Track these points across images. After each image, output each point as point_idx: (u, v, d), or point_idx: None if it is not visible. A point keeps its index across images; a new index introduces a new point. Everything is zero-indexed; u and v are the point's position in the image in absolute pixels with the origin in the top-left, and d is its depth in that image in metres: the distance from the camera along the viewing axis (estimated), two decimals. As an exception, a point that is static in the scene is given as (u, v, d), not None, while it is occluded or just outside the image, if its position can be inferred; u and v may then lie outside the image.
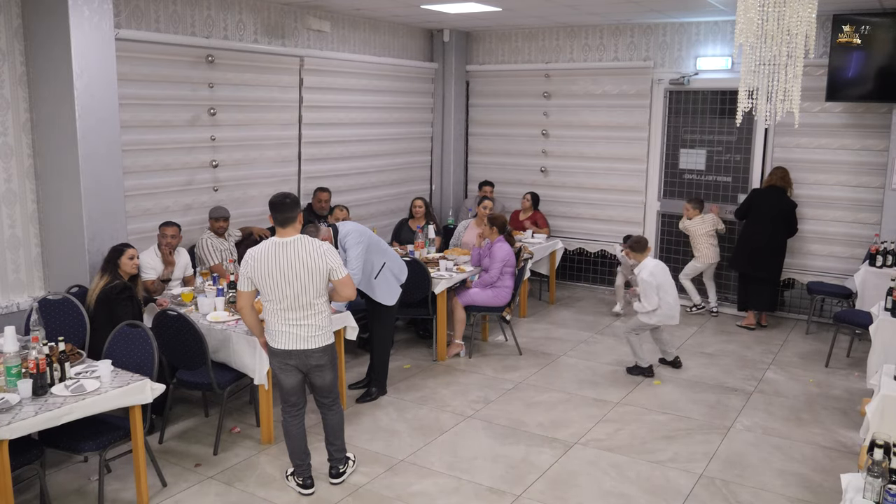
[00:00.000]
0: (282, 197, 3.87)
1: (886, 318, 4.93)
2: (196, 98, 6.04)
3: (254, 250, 3.88)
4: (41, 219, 5.12)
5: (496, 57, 8.87)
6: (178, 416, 5.00)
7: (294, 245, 3.83)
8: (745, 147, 7.48)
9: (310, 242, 3.87)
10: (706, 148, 7.74)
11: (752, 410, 5.23)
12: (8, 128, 4.91)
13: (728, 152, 7.60)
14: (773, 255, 6.90)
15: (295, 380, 3.99)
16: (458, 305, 6.18)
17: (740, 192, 7.48)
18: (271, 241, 3.86)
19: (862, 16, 6.40)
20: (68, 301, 4.60)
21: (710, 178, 7.71)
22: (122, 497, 4.01)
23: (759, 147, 7.33)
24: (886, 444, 2.79)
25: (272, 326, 3.92)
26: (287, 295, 3.81)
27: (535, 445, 4.65)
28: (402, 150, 8.51)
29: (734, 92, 6.92)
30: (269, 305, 3.88)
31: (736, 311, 7.46)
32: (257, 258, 3.83)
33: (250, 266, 3.84)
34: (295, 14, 6.92)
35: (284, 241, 3.84)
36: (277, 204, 3.85)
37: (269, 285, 3.81)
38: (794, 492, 4.12)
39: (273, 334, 3.93)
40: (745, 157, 7.51)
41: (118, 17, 5.31)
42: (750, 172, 7.47)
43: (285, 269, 3.79)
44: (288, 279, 3.79)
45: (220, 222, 5.91)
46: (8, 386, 3.53)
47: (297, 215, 3.88)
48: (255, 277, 3.84)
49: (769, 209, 6.81)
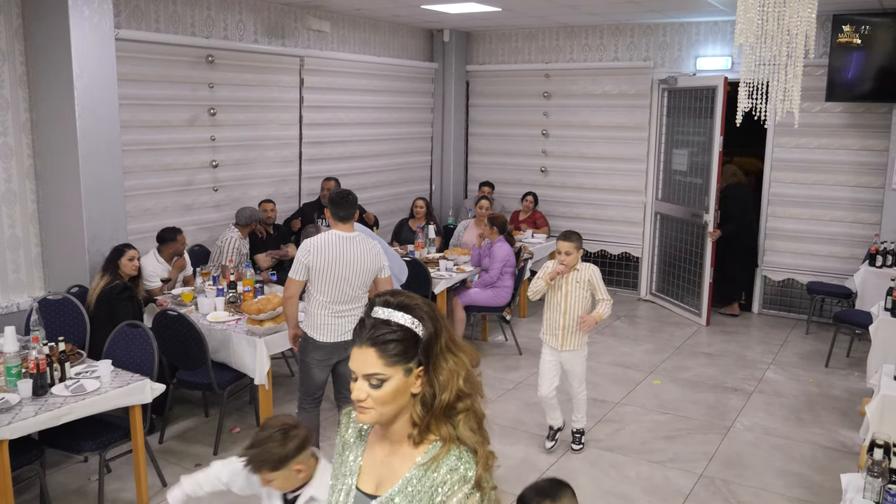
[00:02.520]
0: (344, 194, 4.00)
1: (886, 318, 4.93)
2: (196, 98, 6.04)
3: (314, 240, 3.94)
4: (41, 219, 5.12)
5: (496, 57, 8.87)
6: (178, 416, 5.00)
7: (354, 240, 3.95)
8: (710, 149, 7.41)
9: (365, 240, 4.00)
10: (687, 148, 7.67)
11: (752, 410, 5.23)
12: (8, 128, 4.91)
13: (703, 153, 7.53)
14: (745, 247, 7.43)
15: (326, 375, 4.10)
16: (458, 305, 6.18)
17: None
18: (332, 233, 3.96)
19: (862, 16, 6.40)
20: (68, 301, 4.60)
21: (689, 179, 7.64)
22: (122, 497, 4.01)
23: (717, 146, 7.26)
24: (886, 444, 2.79)
25: (319, 319, 3.96)
26: (340, 287, 3.91)
27: (535, 445, 4.65)
28: (402, 150, 8.51)
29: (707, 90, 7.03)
30: (320, 297, 3.93)
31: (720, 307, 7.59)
32: (318, 248, 3.89)
33: (312, 255, 3.88)
34: (295, 14, 6.92)
35: (346, 235, 3.95)
36: (340, 201, 3.97)
37: (326, 276, 3.89)
38: (794, 492, 4.12)
39: (319, 327, 3.97)
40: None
41: (118, 18, 5.31)
42: (708, 175, 7.36)
43: (345, 261, 3.89)
44: (346, 271, 3.90)
45: (257, 224, 6.07)
46: (8, 386, 3.53)
47: (355, 212, 4.03)
48: (313, 266, 3.89)
49: (734, 206, 7.23)
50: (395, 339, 1.45)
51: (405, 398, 1.48)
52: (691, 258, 7.41)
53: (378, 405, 1.46)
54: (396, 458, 1.53)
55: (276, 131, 6.84)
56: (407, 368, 1.46)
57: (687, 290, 7.57)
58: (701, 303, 7.26)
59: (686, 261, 7.53)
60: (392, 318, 1.47)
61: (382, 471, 1.54)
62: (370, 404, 1.46)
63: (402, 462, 1.52)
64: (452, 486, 1.46)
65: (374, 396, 1.46)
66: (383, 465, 1.55)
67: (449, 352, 1.51)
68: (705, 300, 7.19)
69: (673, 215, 7.76)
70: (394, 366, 1.45)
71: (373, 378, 1.45)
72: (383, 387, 1.45)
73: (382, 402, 1.46)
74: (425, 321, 1.49)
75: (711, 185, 7.00)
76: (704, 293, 7.20)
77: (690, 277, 7.47)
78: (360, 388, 1.47)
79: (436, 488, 1.46)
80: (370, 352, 1.45)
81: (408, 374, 1.47)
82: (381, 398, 1.46)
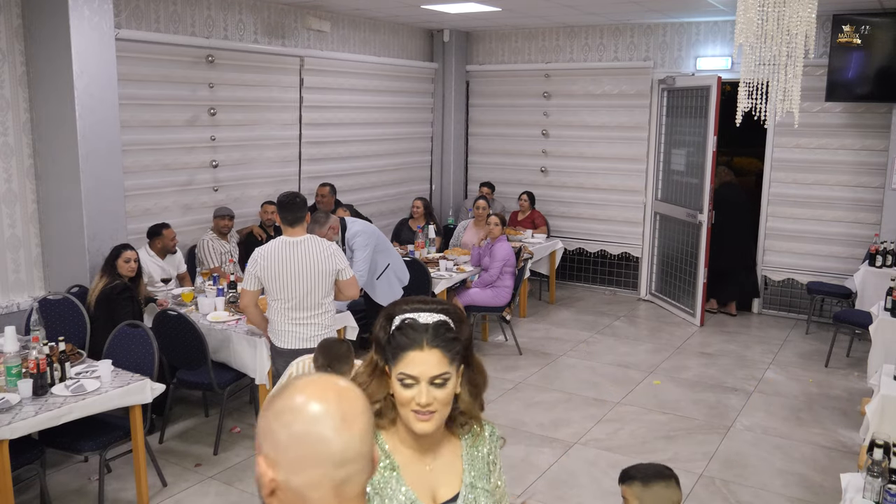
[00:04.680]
0: (291, 196, 3.88)
1: (886, 318, 4.93)
2: (196, 98, 6.04)
3: (262, 249, 3.88)
4: (41, 219, 5.12)
5: (496, 57, 8.87)
6: (178, 416, 5.00)
7: (303, 245, 3.84)
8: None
9: (318, 243, 3.88)
10: (686, 148, 7.67)
11: (752, 410, 5.23)
12: (8, 128, 4.91)
13: (698, 153, 7.53)
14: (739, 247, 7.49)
15: None
16: (458, 305, 6.18)
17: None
18: (280, 240, 3.87)
19: (862, 16, 6.40)
20: (68, 301, 4.60)
21: (686, 179, 7.64)
22: (122, 497, 4.01)
23: (710, 145, 7.23)
24: (886, 443, 2.79)
25: (278, 326, 3.93)
26: (295, 294, 3.82)
27: (535, 445, 4.65)
28: (402, 150, 8.51)
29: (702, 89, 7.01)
30: (276, 305, 3.88)
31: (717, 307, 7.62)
32: (266, 257, 3.83)
33: (259, 265, 3.84)
34: (295, 14, 6.92)
35: (293, 240, 3.85)
36: (287, 203, 3.85)
37: (278, 285, 3.82)
38: (794, 492, 4.12)
39: (278, 334, 3.93)
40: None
41: (118, 18, 5.31)
42: (703, 174, 7.34)
43: (294, 268, 3.80)
44: (296, 279, 3.80)
45: (224, 220, 5.92)
46: (8, 386, 3.53)
47: (305, 215, 3.90)
48: (263, 276, 3.84)
49: (728, 206, 7.30)
50: (455, 337, 1.52)
51: (453, 397, 1.55)
52: (687, 258, 7.42)
53: (441, 406, 1.50)
54: (442, 457, 1.60)
55: (275, 131, 6.84)
56: (458, 368, 1.54)
57: (683, 290, 7.57)
58: (695, 303, 7.27)
59: (682, 261, 7.53)
60: (446, 321, 1.53)
61: (431, 478, 1.59)
62: (435, 407, 1.49)
63: (452, 456, 1.61)
64: (493, 448, 1.68)
65: (438, 398, 1.49)
66: (431, 472, 1.59)
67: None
68: (699, 300, 7.19)
69: (671, 215, 7.76)
70: (452, 364, 1.51)
71: (439, 378, 1.49)
72: (447, 386, 1.50)
73: (445, 401, 1.51)
74: (462, 322, 1.57)
75: (706, 185, 7.00)
76: (699, 293, 7.19)
77: (686, 278, 7.47)
78: (424, 392, 1.49)
79: (488, 456, 1.65)
80: (436, 353, 1.49)
81: (457, 373, 1.54)
82: (444, 398, 1.50)
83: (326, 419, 1.04)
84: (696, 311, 7.25)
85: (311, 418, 1.04)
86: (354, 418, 1.06)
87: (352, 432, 1.05)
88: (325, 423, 1.04)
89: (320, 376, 1.12)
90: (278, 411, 1.05)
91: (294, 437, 1.03)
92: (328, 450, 1.03)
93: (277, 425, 1.04)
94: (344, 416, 1.05)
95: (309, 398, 1.05)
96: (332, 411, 1.04)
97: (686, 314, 7.43)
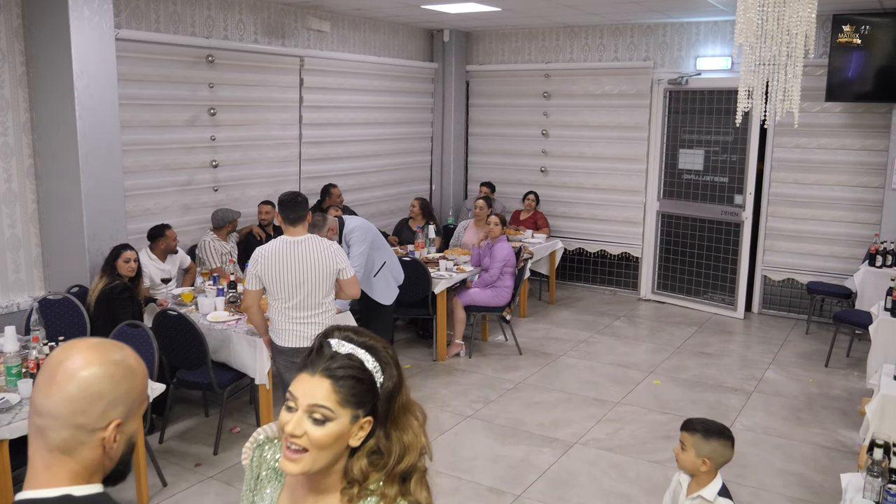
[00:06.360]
0: (292, 195, 3.89)
1: (886, 318, 4.93)
2: (196, 98, 6.04)
3: (263, 249, 3.88)
4: (41, 219, 5.12)
5: (496, 57, 8.87)
6: (178, 416, 5.00)
7: (304, 244, 3.84)
8: (741, 147, 7.45)
9: (319, 242, 3.88)
10: (703, 148, 7.71)
11: (752, 410, 5.23)
12: (8, 128, 4.91)
13: (724, 153, 7.57)
14: None
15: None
16: (458, 305, 6.18)
17: (736, 193, 7.45)
18: (281, 239, 3.87)
19: (862, 16, 6.40)
20: (68, 301, 4.60)
21: (706, 178, 7.69)
22: (122, 497, 4.00)
23: (754, 147, 7.27)
24: (886, 443, 2.79)
25: (278, 325, 3.93)
26: (296, 294, 3.83)
27: (535, 445, 4.65)
28: (402, 150, 8.51)
29: (732, 91, 7.03)
30: (277, 304, 3.88)
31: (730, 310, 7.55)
32: (267, 257, 3.84)
33: (260, 265, 3.85)
34: (295, 14, 6.92)
35: (294, 240, 3.85)
36: (288, 203, 3.85)
37: (278, 284, 3.82)
38: (794, 492, 4.12)
39: (279, 332, 3.94)
40: (741, 158, 7.47)
41: (118, 18, 5.31)
42: (745, 172, 7.43)
43: (295, 268, 3.80)
44: (297, 278, 3.81)
45: (235, 224, 5.97)
46: (8, 386, 3.53)
47: (306, 214, 3.90)
48: (263, 276, 3.84)
49: None
50: (356, 377, 1.29)
51: (341, 447, 1.31)
52: (713, 255, 7.42)
53: (314, 448, 1.27)
54: None
55: (275, 131, 6.84)
56: (355, 415, 1.30)
57: (715, 286, 7.63)
58: (735, 299, 7.49)
59: (688, 268, 7.53)
60: (355, 355, 1.32)
61: None
62: (305, 444, 1.27)
63: None
64: None
65: (311, 435, 1.27)
66: None
67: (409, 408, 1.37)
68: (742, 296, 7.43)
69: (685, 213, 7.78)
70: (344, 406, 1.28)
71: (318, 412, 1.27)
72: (326, 426, 1.27)
73: (320, 444, 1.27)
74: (389, 368, 1.34)
75: (749, 182, 7.27)
76: (741, 289, 7.43)
77: (718, 274, 7.61)
78: (298, 420, 1.28)
79: None
80: (325, 383, 1.28)
81: (353, 422, 1.30)
82: (319, 440, 1.27)
83: (42, 372, 1.20)
84: (737, 306, 7.49)
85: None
86: (63, 381, 1.17)
87: (50, 391, 1.17)
88: (39, 376, 1.21)
89: (101, 341, 1.24)
90: None
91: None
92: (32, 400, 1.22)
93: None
94: (53, 376, 1.17)
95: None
96: (48, 370, 1.19)
97: (725, 308, 7.58)
